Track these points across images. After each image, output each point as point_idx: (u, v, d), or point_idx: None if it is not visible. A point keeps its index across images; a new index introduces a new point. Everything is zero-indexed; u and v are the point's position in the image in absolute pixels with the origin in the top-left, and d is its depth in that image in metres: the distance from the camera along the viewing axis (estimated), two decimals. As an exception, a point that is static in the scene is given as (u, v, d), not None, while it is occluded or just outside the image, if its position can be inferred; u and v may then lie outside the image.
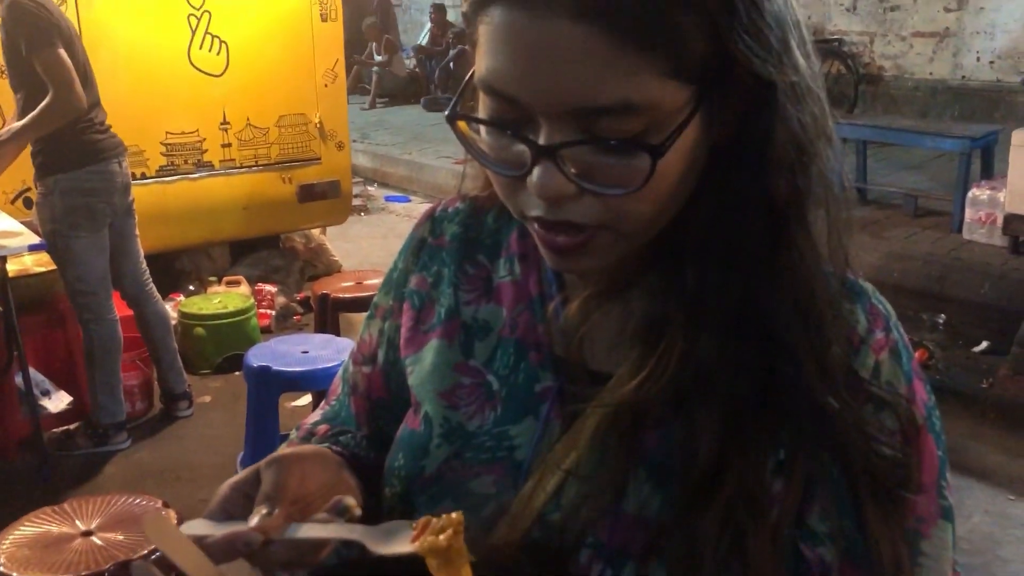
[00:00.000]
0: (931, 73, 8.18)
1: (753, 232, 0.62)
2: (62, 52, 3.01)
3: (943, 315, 4.62)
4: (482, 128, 0.63)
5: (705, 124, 0.60)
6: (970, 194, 5.21)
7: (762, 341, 0.63)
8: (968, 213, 5.20)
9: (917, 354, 3.79)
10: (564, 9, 0.54)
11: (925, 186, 6.18)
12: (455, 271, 0.79)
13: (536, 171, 0.59)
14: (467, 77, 0.64)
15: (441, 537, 0.60)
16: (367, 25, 11.96)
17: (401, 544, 0.62)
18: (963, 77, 7.97)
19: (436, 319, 0.78)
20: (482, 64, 0.59)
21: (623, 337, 0.68)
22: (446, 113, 0.64)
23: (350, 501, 0.67)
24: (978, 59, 7.85)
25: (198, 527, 0.66)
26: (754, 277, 0.62)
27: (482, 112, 0.62)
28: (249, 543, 0.63)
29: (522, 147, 0.59)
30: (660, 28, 0.55)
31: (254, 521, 0.64)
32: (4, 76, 3.82)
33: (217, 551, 0.63)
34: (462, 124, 0.64)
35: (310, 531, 0.65)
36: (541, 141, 0.58)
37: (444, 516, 0.61)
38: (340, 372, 0.91)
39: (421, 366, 0.78)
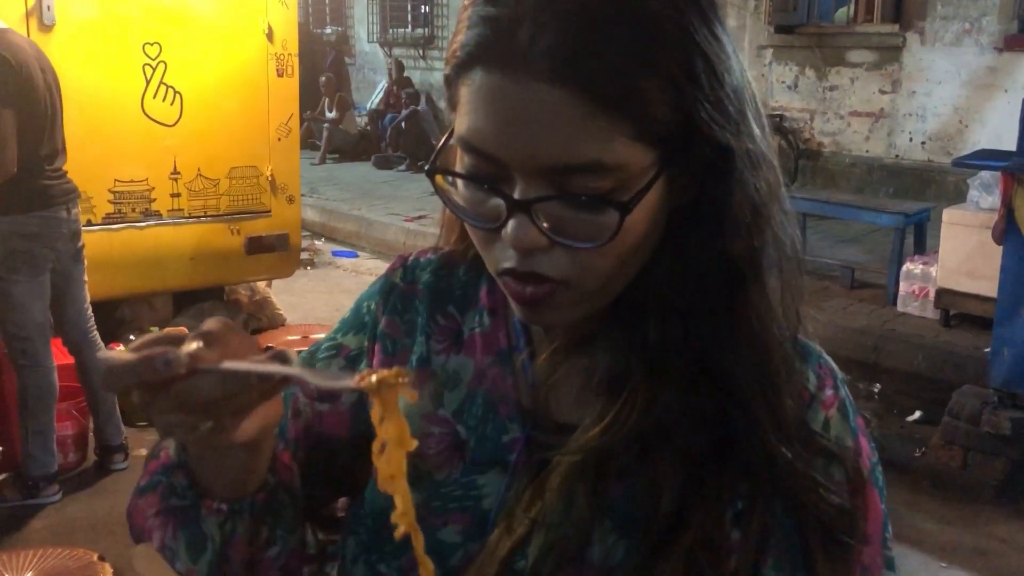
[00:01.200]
0: (867, 151, 8.50)
1: (711, 290, 0.65)
2: (7, 113, 3.01)
3: (878, 384, 4.74)
4: (459, 182, 0.66)
5: (668, 186, 0.64)
6: (904, 268, 5.39)
7: (720, 395, 0.66)
8: (902, 286, 5.37)
9: (855, 421, 3.85)
10: (541, 73, 0.58)
11: (861, 259, 6.38)
12: (427, 320, 0.80)
13: (511, 224, 0.62)
14: (446, 135, 0.67)
15: (387, 373, 0.56)
16: (323, 82, 12.05)
17: (344, 381, 0.58)
18: (897, 156, 8.30)
19: (408, 367, 0.79)
20: (462, 123, 0.62)
21: (588, 389, 0.70)
22: (426, 168, 0.67)
23: (292, 354, 0.60)
24: (911, 139, 8.19)
25: (113, 352, 0.57)
26: (712, 333, 0.66)
27: (460, 168, 0.65)
28: (170, 362, 0.54)
29: (498, 201, 0.62)
30: (629, 95, 0.59)
31: (184, 350, 0.56)
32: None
33: (131, 372, 0.55)
34: (440, 178, 0.67)
35: (248, 366, 0.57)
36: (516, 196, 0.61)
37: (386, 370, 0.57)
38: None
39: None
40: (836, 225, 7.12)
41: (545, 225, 0.61)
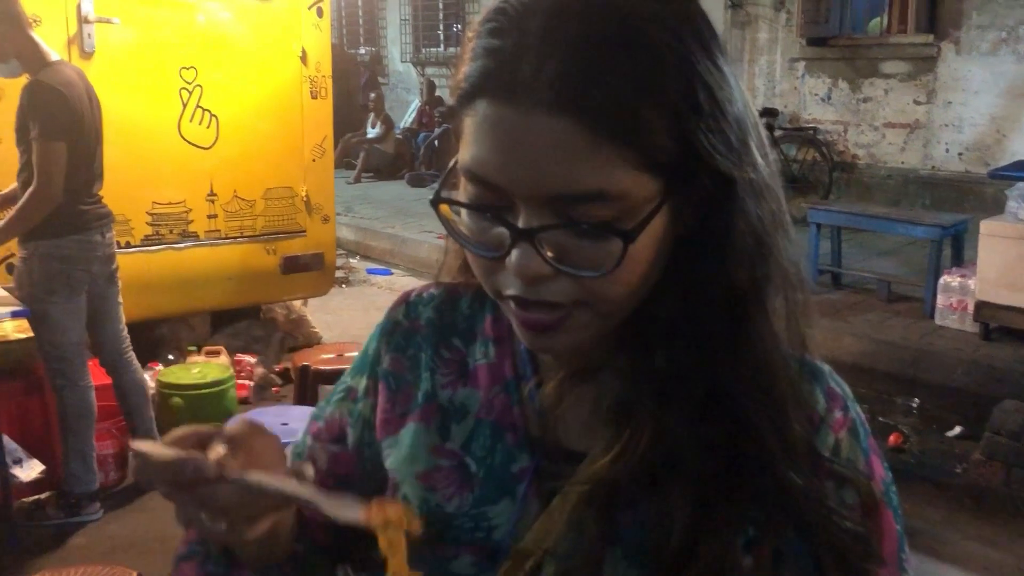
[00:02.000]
0: (903, 162, 8.41)
1: (716, 317, 0.66)
2: (60, 147, 3.11)
3: (916, 399, 4.67)
4: (463, 211, 0.66)
5: (672, 215, 0.64)
6: (941, 281, 5.32)
7: (728, 422, 0.66)
8: (940, 299, 5.30)
9: (891, 438, 3.78)
10: (544, 103, 0.58)
11: (898, 272, 6.30)
12: (432, 355, 0.81)
13: (515, 253, 0.62)
14: (450, 165, 0.67)
15: (392, 515, 0.60)
16: (372, 98, 12.25)
17: (353, 513, 0.61)
18: (933, 167, 8.20)
19: (414, 403, 0.80)
20: (466, 153, 0.63)
21: (597, 417, 0.70)
22: (430, 198, 0.67)
23: (308, 470, 0.66)
24: (947, 150, 8.09)
25: (148, 445, 0.62)
26: (719, 360, 0.66)
27: (464, 197, 0.65)
28: (200, 469, 0.60)
29: (501, 230, 0.63)
30: (632, 124, 0.59)
31: (211, 455, 0.61)
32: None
33: (163, 470, 0.61)
34: (444, 208, 0.67)
35: (266, 481, 0.62)
36: (520, 225, 0.62)
37: (392, 504, 0.61)
38: (291, 447, 0.89)
39: (398, 449, 0.79)
40: (871, 238, 7.05)
41: (549, 254, 0.62)
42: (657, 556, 0.66)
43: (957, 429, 4.30)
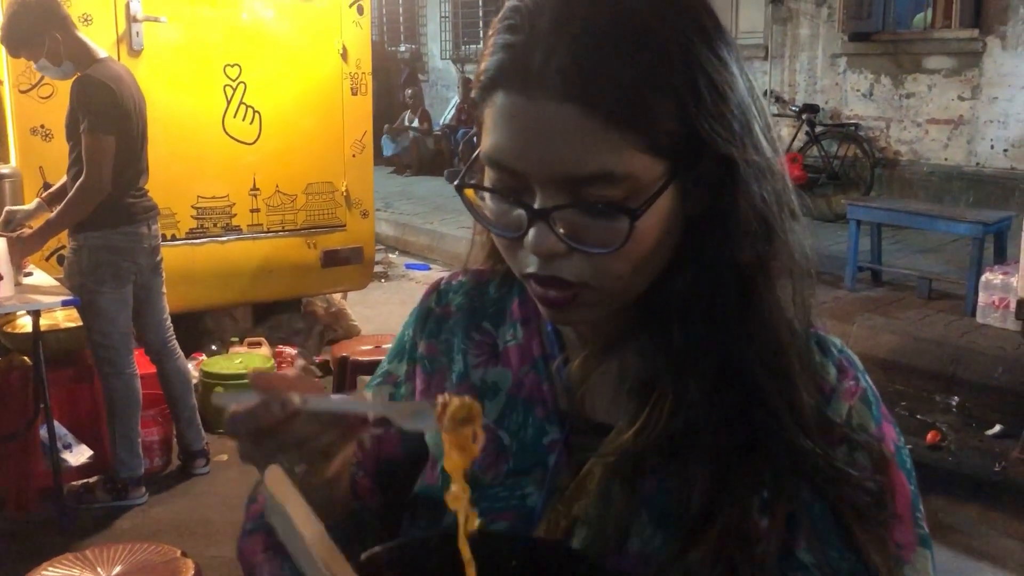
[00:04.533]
0: (946, 159, 8.30)
1: (726, 294, 0.70)
2: (109, 140, 3.21)
3: (956, 397, 4.63)
4: (487, 196, 0.72)
5: (679, 196, 0.68)
6: (983, 278, 5.25)
7: (741, 392, 0.70)
8: (981, 297, 5.24)
9: (929, 435, 3.76)
10: (554, 92, 0.64)
11: (939, 269, 6.23)
12: (463, 338, 0.86)
13: (531, 232, 0.67)
14: (474, 154, 0.73)
15: (461, 408, 0.64)
16: (409, 94, 12.42)
17: (426, 418, 0.65)
18: (977, 164, 8.08)
19: (449, 383, 0.85)
20: (486, 141, 0.69)
21: (621, 391, 0.75)
22: (455, 183, 0.73)
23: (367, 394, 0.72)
24: (992, 147, 7.96)
25: (233, 399, 0.67)
26: (730, 334, 0.70)
27: (486, 182, 0.71)
28: (286, 402, 0.65)
29: (520, 211, 0.68)
30: (636, 109, 0.64)
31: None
32: (47, 140, 4.02)
33: (250, 416, 0.65)
34: (469, 193, 0.73)
35: (338, 403, 0.67)
36: (536, 206, 0.67)
37: (461, 400, 0.64)
38: None
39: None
40: (912, 235, 6.97)
41: (562, 231, 0.67)
42: (679, 520, 0.70)
43: (997, 427, 4.26)
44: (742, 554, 0.68)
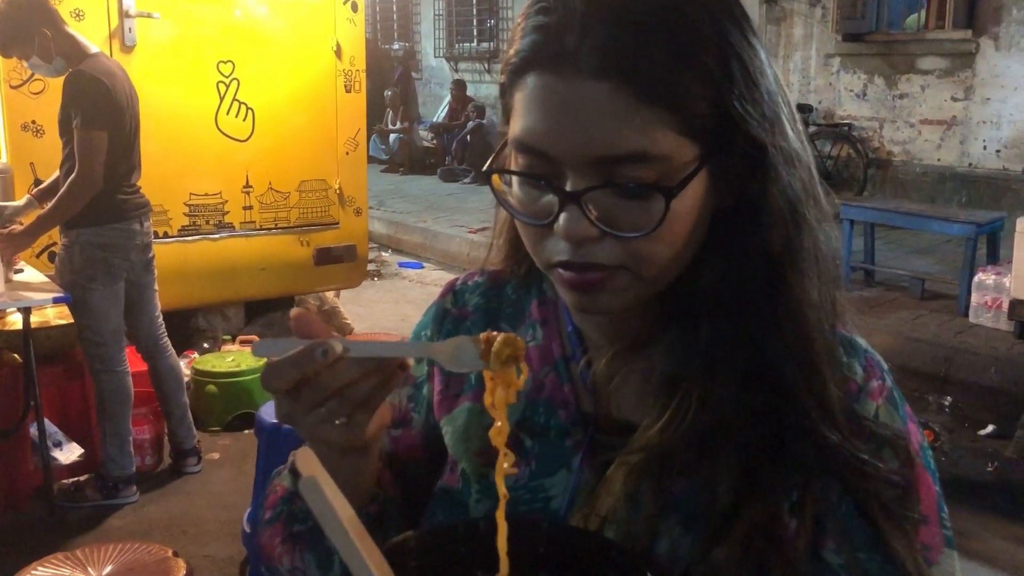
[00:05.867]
0: (939, 159, 8.32)
1: (755, 285, 0.69)
2: (101, 135, 3.19)
3: (949, 397, 4.63)
4: (514, 185, 0.70)
5: (712, 183, 0.68)
6: (976, 278, 5.26)
7: (769, 389, 0.69)
8: (974, 297, 5.25)
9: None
10: (588, 70, 0.63)
11: (932, 269, 6.24)
12: None
13: (562, 216, 0.66)
14: (501, 143, 0.72)
15: (505, 346, 0.63)
16: (388, 96, 12.32)
17: (469, 356, 0.64)
18: (970, 164, 8.10)
19: (467, 384, 0.83)
20: (517, 125, 0.67)
21: (647, 390, 0.74)
22: (483, 168, 0.71)
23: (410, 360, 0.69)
24: (985, 147, 7.99)
25: (273, 347, 0.64)
26: (759, 327, 0.69)
27: (514, 169, 0.70)
28: (328, 348, 0.62)
29: (550, 197, 0.67)
30: (671, 89, 0.63)
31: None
32: (38, 136, 3.99)
33: (292, 364, 0.63)
34: (496, 180, 0.71)
35: (380, 348, 0.64)
36: (568, 188, 0.66)
37: (505, 336, 0.64)
38: None
39: (455, 427, 0.82)
40: (905, 235, 6.99)
41: (595, 215, 0.65)
42: (707, 520, 0.69)
43: (989, 428, 4.27)
44: (771, 553, 0.67)
